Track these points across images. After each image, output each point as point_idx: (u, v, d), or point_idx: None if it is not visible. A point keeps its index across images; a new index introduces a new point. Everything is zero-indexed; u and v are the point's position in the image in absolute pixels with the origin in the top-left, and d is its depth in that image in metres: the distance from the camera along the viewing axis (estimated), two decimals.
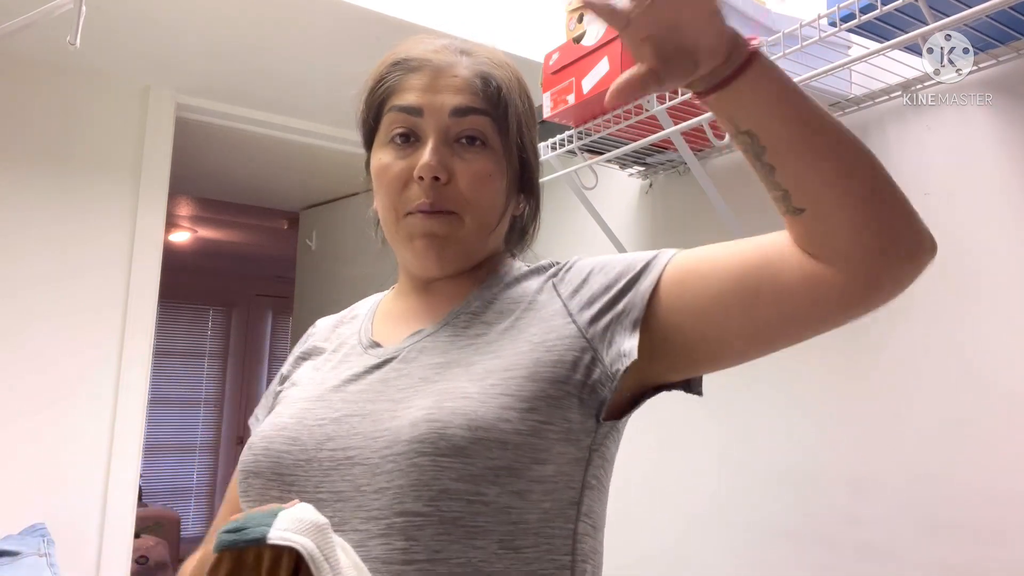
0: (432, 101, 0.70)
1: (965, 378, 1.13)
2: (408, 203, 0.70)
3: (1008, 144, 1.12)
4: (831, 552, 1.27)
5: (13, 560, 1.45)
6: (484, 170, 0.71)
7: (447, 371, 0.65)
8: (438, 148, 0.69)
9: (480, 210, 0.71)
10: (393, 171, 0.71)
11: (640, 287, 0.65)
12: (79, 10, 1.17)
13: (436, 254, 0.71)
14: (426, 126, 0.70)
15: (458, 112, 0.70)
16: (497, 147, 0.72)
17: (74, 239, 1.86)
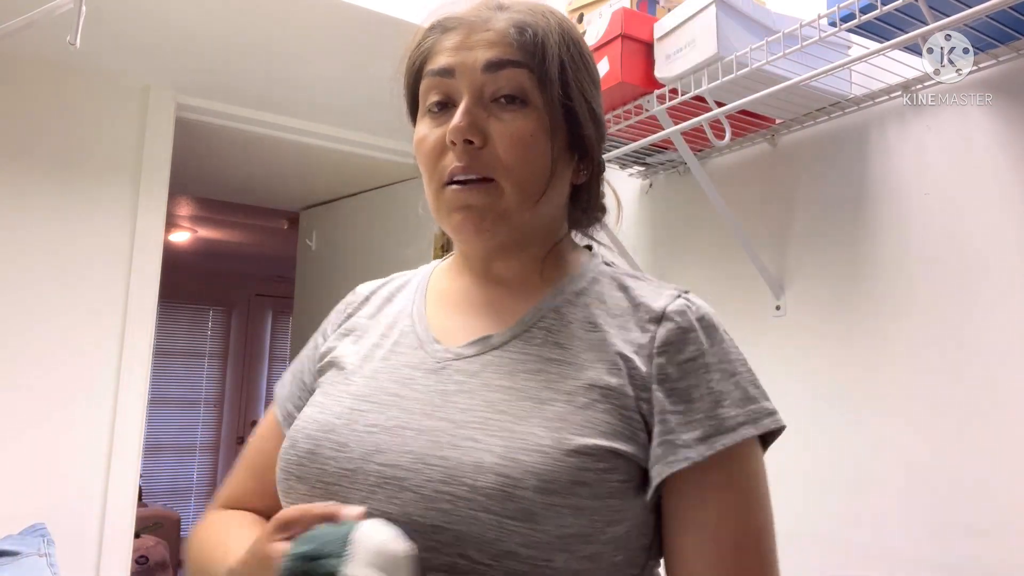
0: (464, 59, 0.64)
1: (965, 378, 1.13)
2: (444, 172, 0.65)
3: (1008, 144, 1.12)
4: (831, 552, 1.27)
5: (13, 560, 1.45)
6: (523, 130, 0.63)
7: (516, 402, 0.59)
8: (470, 109, 0.63)
9: (521, 176, 0.63)
10: (429, 141, 0.66)
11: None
12: (79, 10, 1.16)
13: (474, 227, 0.64)
14: (459, 87, 0.64)
15: (491, 66, 0.64)
16: (539, 104, 0.64)
17: (74, 239, 1.86)
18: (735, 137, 1.47)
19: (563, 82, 0.65)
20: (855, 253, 1.31)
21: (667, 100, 1.33)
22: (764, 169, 1.51)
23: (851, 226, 1.32)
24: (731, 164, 1.59)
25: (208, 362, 6.03)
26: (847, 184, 1.34)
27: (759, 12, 1.24)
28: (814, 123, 1.41)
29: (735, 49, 1.19)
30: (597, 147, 0.72)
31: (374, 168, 2.43)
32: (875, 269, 1.27)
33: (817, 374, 1.34)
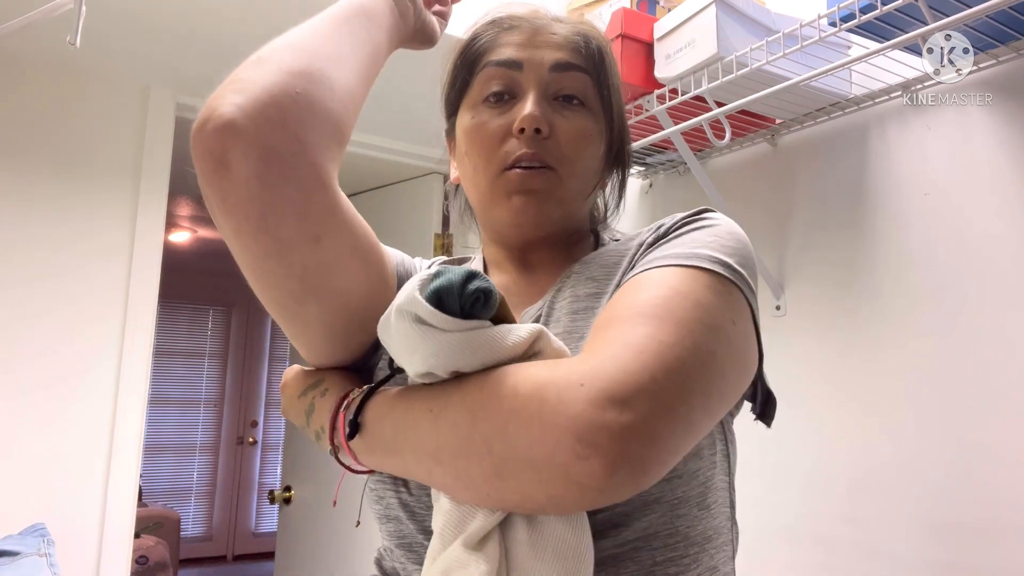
0: (532, 56, 0.68)
1: (964, 377, 1.13)
2: (507, 158, 0.66)
3: (1008, 144, 1.12)
4: (831, 552, 1.27)
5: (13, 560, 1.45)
6: (585, 129, 0.67)
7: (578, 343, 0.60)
8: (540, 101, 0.66)
9: (579, 170, 0.67)
10: (490, 127, 0.67)
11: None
12: (79, 10, 1.16)
13: (535, 211, 0.66)
14: (525, 81, 0.67)
15: (559, 67, 0.67)
16: (596, 109, 0.69)
17: (74, 239, 1.86)
18: (735, 137, 1.47)
19: (615, 96, 0.71)
20: (855, 253, 1.31)
21: (667, 100, 1.33)
22: (764, 169, 1.51)
23: (851, 226, 1.32)
24: (731, 164, 1.59)
25: (208, 362, 6.03)
26: (847, 184, 1.34)
27: (759, 12, 1.24)
28: (814, 123, 1.41)
29: (735, 49, 1.19)
30: (629, 157, 0.77)
31: (374, 168, 2.43)
32: (875, 269, 1.27)
33: (816, 374, 1.34)
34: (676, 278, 0.54)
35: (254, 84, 0.54)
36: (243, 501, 6.02)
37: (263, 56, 0.57)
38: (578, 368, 0.47)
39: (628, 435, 0.44)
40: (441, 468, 0.50)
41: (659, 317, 0.50)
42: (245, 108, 0.52)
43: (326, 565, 2.53)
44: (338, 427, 0.58)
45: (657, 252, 0.59)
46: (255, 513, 6.07)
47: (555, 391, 0.46)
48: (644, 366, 0.46)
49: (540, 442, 0.45)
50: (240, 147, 0.50)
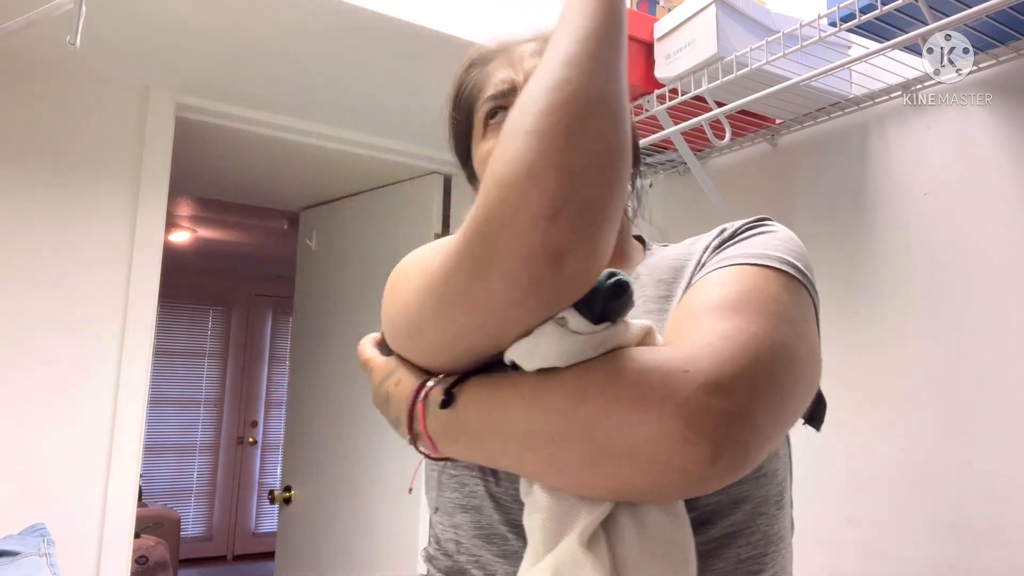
0: (516, 75, 0.70)
1: (964, 377, 1.13)
2: None
3: (1008, 144, 1.12)
4: (831, 552, 1.27)
5: (13, 560, 1.45)
6: None
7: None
8: None
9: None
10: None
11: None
12: (79, 10, 1.16)
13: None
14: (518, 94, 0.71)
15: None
16: None
17: (73, 239, 1.86)
18: (735, 137, 1.47)
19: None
20: (855, 252, 1.31)
21: (667, 100, 1.32)
22: (764, 169, 1.51)
23: (851, 226, 1.32)
24: (731, 164, 1.59)
25: (208, 362, 6.03)
26: (847, 184, 1.34)
27: (759, 12, 1.24)
28: (814, 123, 1.41)
29: (735, 49, 1.19)
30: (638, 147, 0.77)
31: (374, 168, 2.43)
32: (875, 269, 1.27)
33: None
34: (752, 275, 0.56)
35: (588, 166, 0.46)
36: (243, 501, 6.02)
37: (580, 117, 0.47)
38: (678, 355, 0.47)
39: (734, 421, 0.45)
40: (533, 454, 0.50)
41: (745, 310, 0.52)
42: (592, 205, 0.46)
43: (326, 565, 2.53)
44: (417, 416, 0.58)
45: (727, 252, 0.61)
46: (255, 513, 6.07)
47: (659, 377, 0.46)
48: (742, 355, 0.47)
49: (645, 427, 0.45)
50: (581, 248, 0.46)
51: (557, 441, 0.48)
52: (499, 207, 0.45)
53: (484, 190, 0.47)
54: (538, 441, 0.49)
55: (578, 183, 0.44)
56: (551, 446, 0.48)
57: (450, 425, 0.55)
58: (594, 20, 0.50)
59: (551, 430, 0.48)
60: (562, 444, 0.48)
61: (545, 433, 0.48)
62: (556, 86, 0.46)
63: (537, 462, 0.50)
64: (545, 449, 0.49)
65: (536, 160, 0.44)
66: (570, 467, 0.48)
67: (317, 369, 2.72)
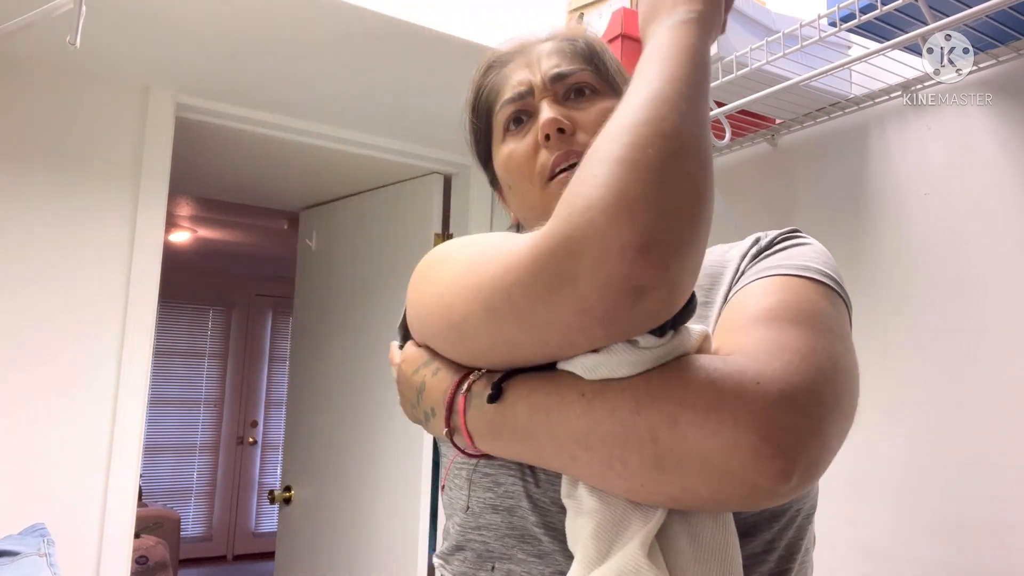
0: (532, 76, 0.72)
1: (965, 377, 1.13)
2: (544, 170, 0.68)
3: (1008, 144, 1.12)
4: (831, 552, 1.27)
5: (13, 560, 1.45)
6: (604, 111, 0.66)
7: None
8: (552, 106, 0.70)
9: None
10: (520, 151, 0.71)
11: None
12: (79, 10, 1.16)
13: None
14: (536, 100, 0.71)
15: (560, 76, 0.71)
16: (606, 90, 0.72)
17: (74, 239, 1.86)
18: (735, 137, 1.47)
19: (621, 77, 0.73)
20: (855, 253, 1.31)
21: None
22: (764, 169, 1.51)
23: (851, 226, 1.32)
24: (731, 164, 1.59)
25: (208, 362, 6.03)
26: (847, 184, 1.34)
27: (759, 12, 1.24)
28: (814, 123, 1.41)
29: (735, 49, 1.19)
30: None
31: (374, 168, 2.43)
32: (875, 269, 1.27)
33: None
34: (797, 286, 0.57)
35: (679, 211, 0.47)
36: (243, 501, 6.02)
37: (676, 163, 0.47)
38: (746, 365, 0.47)
39: (807, 437, 0.44)
40: (589, 454, 0.48)
41: (800, 321, 0.52)
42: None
43: (326, 565, 2.53)
44: (456, 408, 0.56)
45: (766, 263, 0.62)
46: (255, 513, 6.07)
47: (731, 386, 0.45)
48: (809, 369, 0.47)
49: (717, 437, 0.44)
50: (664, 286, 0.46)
51: (620, 442, 0.47)
52: (584, 230, 0.44)
53: (567, 209, 0.45)
54: (598, 441, 0.47)
55: (671, 220, 0.44)
56: (612, 447, 0.47)
57: (495, 420, 0.53)
58: (684, 66, 0.51)
59: (614, 430, 0.47)
60: (625, 446, 0.46)
61: (607, 433, 0.47)
62: (650, 121, 0.46)
63: (595, 462, 0.48)
64: (605, 449, 0.47)
65: (630, 191, 0.44)
66: (631, 470, 0.47)
67: (317, 369, 2.72)
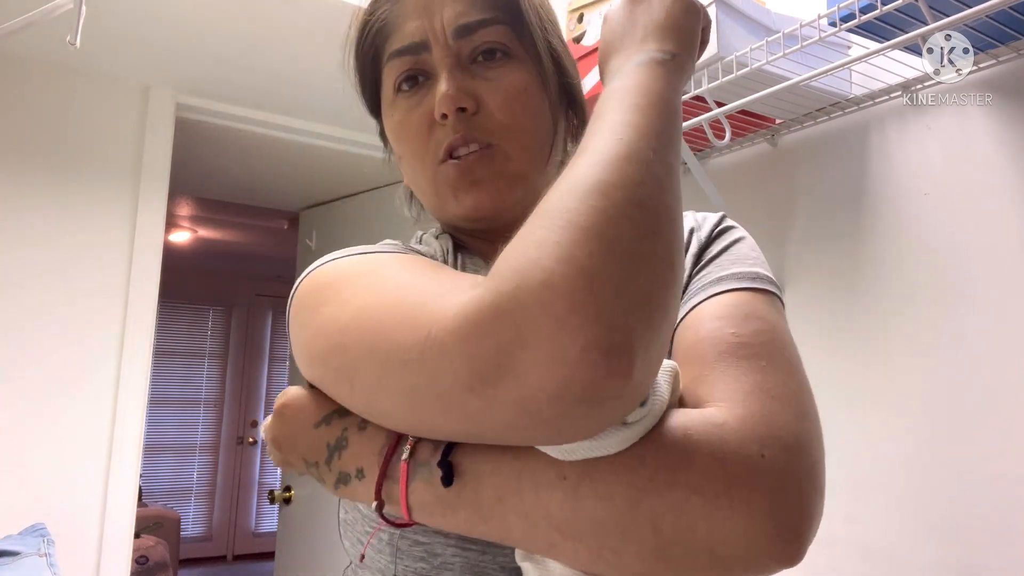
0: (432, 26, 0.58)
1: (965, 378, 1.13)
2: (439, 149, 0.58)
3: (1008, 144, 1.12)
4: (831, 552, 1.27)
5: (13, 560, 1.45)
6: (517, 84, 0.58)
7: None
8: (453, 75, 0.57)
9: (524, 133, 0.58)
10: (411, 123, 0.59)
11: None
12: (79, 10, 1.16)
13: (490, 201, 0.58)
14: (434, 58, 0.58)
15: (464, 30, 0.58)
16: (523, 55, 0.59)
17: (74, 239, 1.86)
18: (735, 137, 1.47)
19: (542, 28, 0.60)
20: (855, 253, 1.31)
21: None
22: (764, 169, 1.51)
23: (851, 226, 1.32)
24: (731, 164, 1.59)
25: (208, 362, 6.03)
26: (847, 184, 1.34)
27: (759, 12, 1.24)
28: (814, 123, 1.41)
29: (735, 49, 1.19)
30: (581, 94, 0.66)
31: (374, 168, 2.43)
32: (875, 269, 1.27)
33: (816, 374, 1.34)
34: (755, 304, 0.54)
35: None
36: (243, 501, 6.03)
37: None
38: (746, 430, 0.42)
39: (814, 507, 0.42)
40: (574, 543, 0.41)
41: (771, 356, 0.50)
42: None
43: (326, 565, 2.53)
44: (394, 477, 0.46)
45: (714, 270, 0.56)
46: (255, 513, 6.08)
47: (740, 463, 0.40)
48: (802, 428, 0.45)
49: (728, 523, 0.39)
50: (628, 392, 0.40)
51: (615, 533, 0.40)
52: (537, 316, 0.35)
53: (515, 278, 0.36)
54: (587, 530, 0.41)
55: (642, 314, 0.36)
56: (605, 536, 0.41)
57: (449, 499, 0.44)
58: (659, 119, 0.43)
59: (608, 519, 0.40)
60: (621, 537, 0.40)
61: (598, 522, 0.41)
62: (624, 185, 0.38)
63: (581, 551, 0.42)
64: (595, 539, 0.41)
65: (598, 272, 0.35)
66: (627, 560, 0.41)
67: None
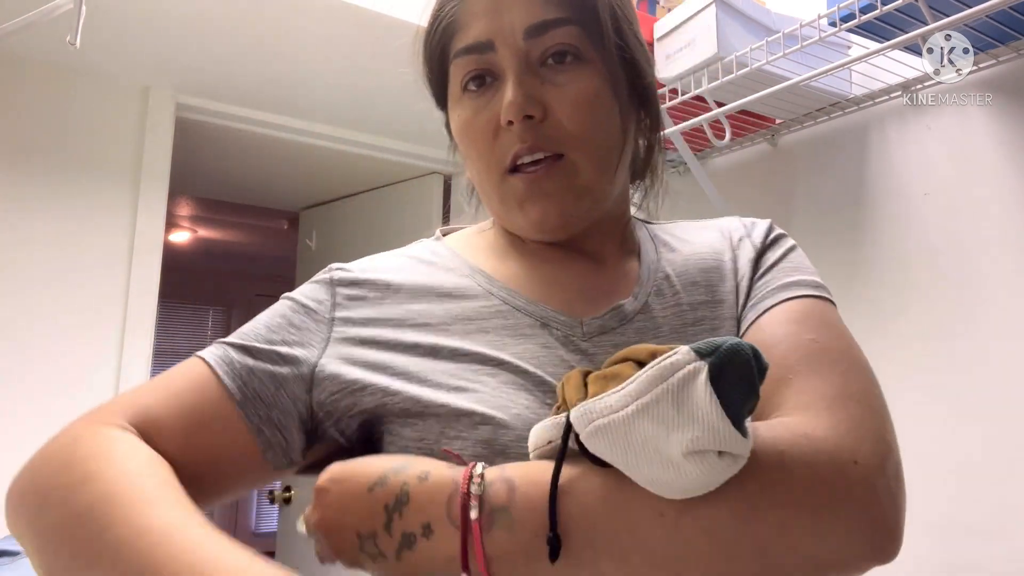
0: (500, 26, 0.56)
1: (964, 377, 1.13)
2: (504, 157, 0.56)
3: (1008, 144, 1.12)
4: None
5: (13, 560, 1.45)
6: (586, 91, 0.56)
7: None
8: (521, 80, 0.55)
9: (593, 144, 0.57)
10: (477, 126, 0.57)
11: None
12: (79, 10, 1.16)
13: (557, 215, 0.57)
14: (501, 59, 0.56)
15: (535, 30, 0.55)
16: (595, 58, 0.57)
17: (74, 239, 1.86)
18: (735, 137, 1.47)
19: (616, 28, 0.58)
20: (855, 253, 1.31)
21: (667, 100, 1.32)
22: (764, 169, 1.51)
23: (851, 226, 1.32)
24: (731, 164, 1.59)
25: None
26: (847, 184, 1.34)
27: (759, 12, 1.24)
28: (814, 123, 1.41)
29: (735, 49, 1.19)
30: (655, 94, 0.64)
31: (374, 168, 2.43)
32: (875, 269, 1.27)
33: None
34: (821, 312, 0.56)
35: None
36: (243, 501, 6.02)
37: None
38: (837, 438, 0.44)
39: (902, 503, 0.45)
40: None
41: (854, 364, 0.52)
42: None
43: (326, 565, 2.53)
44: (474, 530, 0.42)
45: (777, 277, 0.59)
46: (255, 513, 6.07)
47: (834, 473, 0.42)
48: (886, 429, 0.48)
49: (831, 536, 0.41)
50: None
51: (720, 563, 0.40)
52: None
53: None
54: (693, 566, 0.41)
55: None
56: (710, 568, 0.41)
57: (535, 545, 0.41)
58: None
59: (713, 551, 0.40)
60: (727, 565, 0.41)
61: (704, 555, 0.40)
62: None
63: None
64: (699, 572, 0.41)
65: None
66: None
67: None
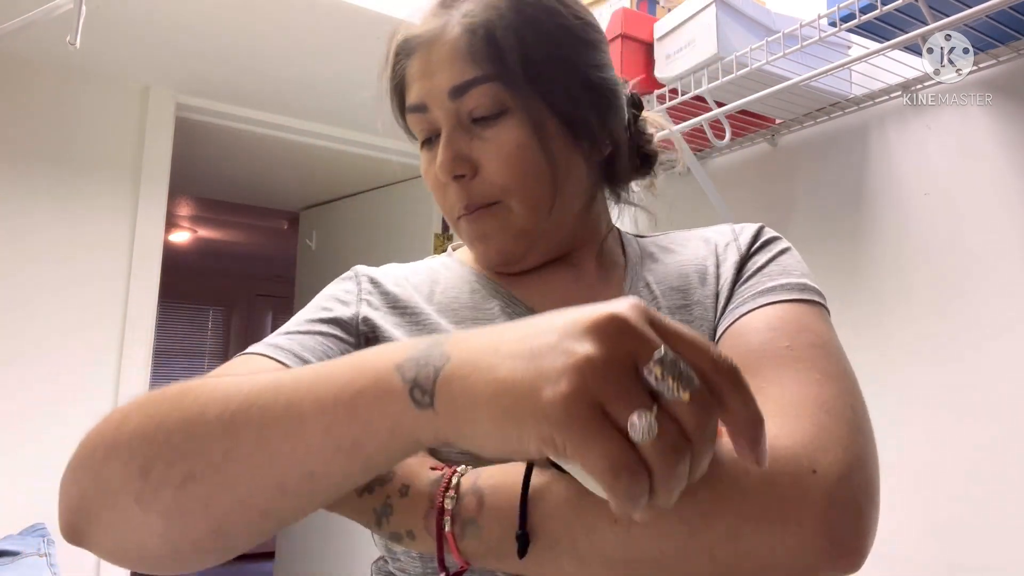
0: (431, 88, 0.60)
1: (965, 377, 1.13)
2: (454, 206, 0.62)
3: (1008, 144, 1.12)
4: None
5: (13, 560, 1.45)
6: (511, 143, 0.59)
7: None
8: (450, 140, 0.59)
9: (525, 191, 0.60)
10: (430, 177, 0.64)
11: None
12: (79, 10, 1.16)
13: (499, 255, 0.63)
14: (436, 119, 0.61)
15: (456, 92, 0.58)
16: (517, 107, 0.59)
17: (74, 239, 1.86)
18: (735, 137, 1.47)
19: (534, 74, 0.58)
20: (855, 253, 1.31)
21: (667, 100, 1.32)
22: (764, 169, 1.51)
23: (851, 226, 1.32)
24: (731, 164, 1.59)
25: (208, 362, 6.04)
26: (847, 184, 1.34)
27: (759, 12, 1.24)
28: (814, 123, 1.41)
29: (735, 49, 1.19)
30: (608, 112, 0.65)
31: (374, 168, 2.43)
32: (875, 269, 1.27)
33: None
34: (810, 318, 0.55)
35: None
36: None
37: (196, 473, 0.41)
38: (797, 447, 0.44)
39: (869, 517, 0.43)
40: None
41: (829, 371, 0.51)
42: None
43: (326, 565, 2.53)
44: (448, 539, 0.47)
45: (759, 281, 0.58)
46: None
47: (789, 481, 0.42)
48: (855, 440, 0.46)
49: (783, 544, 0.41)
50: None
51: (671, 566, 0.42)
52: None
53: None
54: (645, 568, 0.43)
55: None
56: (661, 571, 0.43)
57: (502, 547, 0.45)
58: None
59: (664, 555, 0.42)
60: (677, 569, 0.42)
61: (654, 559, 0.42)
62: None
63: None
64: (650, 573, 0.43)
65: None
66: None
67: None
